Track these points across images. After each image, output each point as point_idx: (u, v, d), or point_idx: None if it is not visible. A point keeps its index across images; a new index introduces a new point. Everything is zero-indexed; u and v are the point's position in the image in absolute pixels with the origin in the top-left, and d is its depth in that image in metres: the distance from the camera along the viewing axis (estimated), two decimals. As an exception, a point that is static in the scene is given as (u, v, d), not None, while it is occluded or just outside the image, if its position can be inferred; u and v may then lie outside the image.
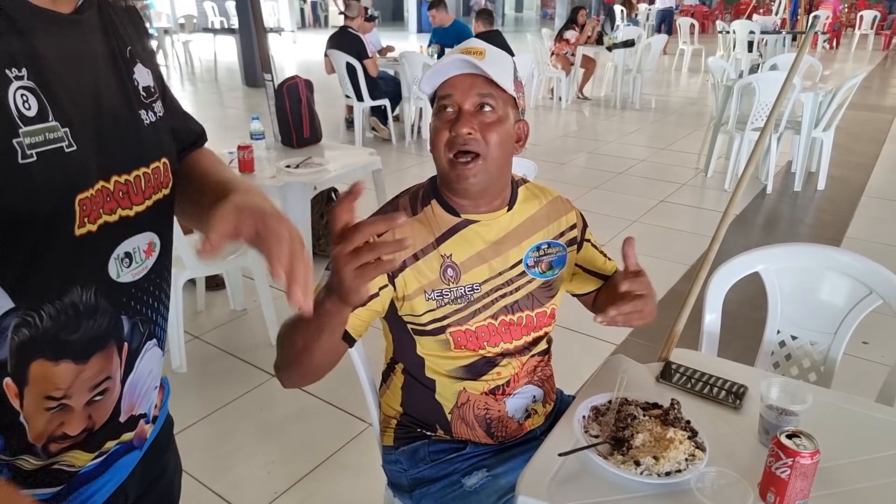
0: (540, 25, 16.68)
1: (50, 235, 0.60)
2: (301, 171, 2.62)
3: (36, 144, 0.57)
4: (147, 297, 0.74)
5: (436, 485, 1.15)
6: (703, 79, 9.57)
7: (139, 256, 0.72)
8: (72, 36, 0.64)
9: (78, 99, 0.63)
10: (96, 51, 0.67)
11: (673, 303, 2.91)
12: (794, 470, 0.86)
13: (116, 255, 0.68)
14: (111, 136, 0.66)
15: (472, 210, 1.10)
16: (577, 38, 7.64)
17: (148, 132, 0.72)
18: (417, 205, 1.11)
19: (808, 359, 1.47)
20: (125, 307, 0.71)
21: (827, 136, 4.54)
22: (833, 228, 3.94)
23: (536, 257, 1.14)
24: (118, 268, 0.69)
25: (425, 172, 1.14)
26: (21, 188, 0.56)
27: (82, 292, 0.65)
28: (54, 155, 0.59)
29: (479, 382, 1.13)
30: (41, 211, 0.58)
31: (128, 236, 0.69)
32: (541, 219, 1.17)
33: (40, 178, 0.57)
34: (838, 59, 12.26)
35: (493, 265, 1.11)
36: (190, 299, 2.86)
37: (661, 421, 1.03)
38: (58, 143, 0.59)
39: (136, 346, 0.73)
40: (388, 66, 6.03)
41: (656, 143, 6.01)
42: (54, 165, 0.59)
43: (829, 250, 1.47)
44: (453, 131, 1.02)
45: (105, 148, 0.65)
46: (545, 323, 1.18)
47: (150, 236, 0.73)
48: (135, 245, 0.71)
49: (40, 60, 0.59)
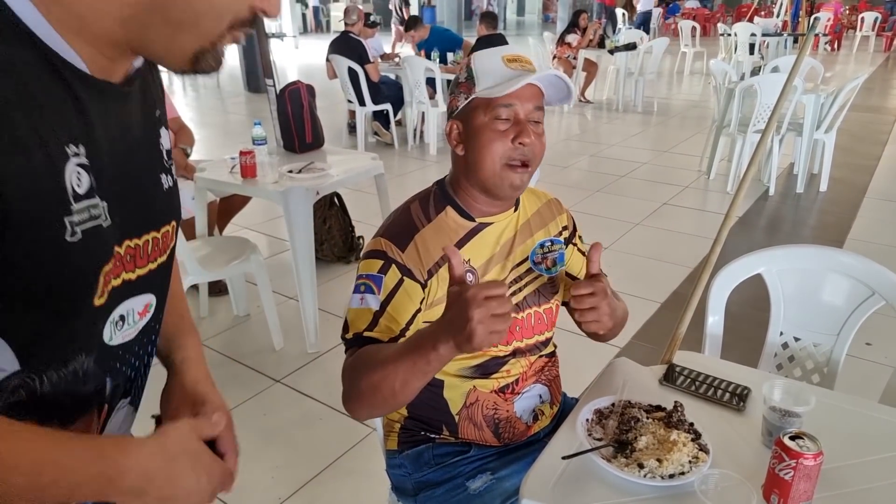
0: (542, 29, 16.71)
1: (71, 306, 0.59)
2: (303, 175, 2.63)
3: (82, 222, 0.57)
4: (132, 358, 0.73)
5: (440, 488, 1.15)
6: (704, 81, 9.58)
7: (132, 318, 0.70)
8: (120, 107, 0.63)
9: (117, 171, 0.62)
10: (135, 119, 0.67)
11: (675, 305, 2.91)
12: (798, 471, 0.85)
13: (112, 318, 0.66)
14: (135, 202, 0.65)
15: (486, 213, 1.12)
16: (579, 41, 7.66)
17: (164, 196, 0.71)
18: (430, 211, 1.11)
19: (811, 360, 1.46)
20: (111, 369, 0.69)
21: (829, 138, 4.54)
22: (835, 230, 3.94)
23: (542, 254, 1.17)
24: (112, 331, 0.67)
25: (427, 176, 1.15)
26: (61, 264, 0.55)
27: (84, 359, 0.64)
28: (94, 232, 0.58)
29: (490, 380, 1.14)
30: (71, 284, 0.58)
31: (125, 299, 0.67)
32: (541, 217, 1.21)
33: (79, 256, 0.57)
34: (840, 61, 12.25)
35: (506, 265, 1.13)
36: (193, 305, 2.86)
37: (664, 423, 1.03)
38: (97, 221, 0.59)
39: (112, 405, 0.72)
40: (390, 71, 6.05)
41: (658, 146, 6.02)
42: (92, 242, 0.58)
43: (832, 252, 1.47)
44: (517, 142, 1.03)
45: (128, 215, 0.64)
46: (552, 322, 1.20)
47: (148, 297, 0.71)
48: (130, 307, 0.69)
49: (95, 136, 0.58)
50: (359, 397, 0.97)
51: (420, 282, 1.06)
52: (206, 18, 0.57)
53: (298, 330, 2.64)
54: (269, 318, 2.58)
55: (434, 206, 1.12)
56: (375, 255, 1.06)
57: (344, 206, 3.43)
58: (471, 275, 1.08)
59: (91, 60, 0.57)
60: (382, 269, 1.05)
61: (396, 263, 1.05)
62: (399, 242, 1.06)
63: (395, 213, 1.14)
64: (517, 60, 1.05)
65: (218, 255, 2.55)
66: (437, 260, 1.07)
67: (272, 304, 2.58)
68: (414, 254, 1.06)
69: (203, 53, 0.59)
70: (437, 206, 1.12)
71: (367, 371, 0.96)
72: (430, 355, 0.87)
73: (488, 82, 1.04)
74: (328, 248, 3.38)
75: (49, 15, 0.53)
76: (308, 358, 2.56)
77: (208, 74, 0.61)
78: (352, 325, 1.04)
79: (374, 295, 1.03)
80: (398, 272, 1.04)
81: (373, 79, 5.55)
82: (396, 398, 0.93)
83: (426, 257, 1.07)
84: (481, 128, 1.05)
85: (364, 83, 5.45)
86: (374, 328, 1.03)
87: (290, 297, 3.02)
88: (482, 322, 0.80)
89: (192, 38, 0.58)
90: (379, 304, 1.03)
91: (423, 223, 1.09)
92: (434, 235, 1.08)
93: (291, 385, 2.38)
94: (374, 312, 1.03)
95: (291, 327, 2.70)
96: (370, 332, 1.03)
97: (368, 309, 1.03)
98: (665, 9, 17.09)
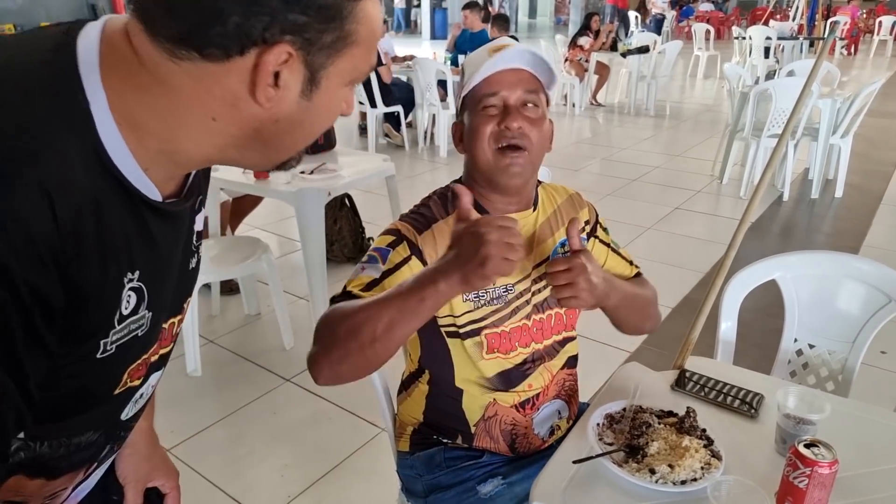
0: (554, 31, 16.69)
1: (91, 398, 0.61)
2: (315, 177, 2.64)
3: (119, 339, 0.57)
4: (134, 423, 0.74)
5: (451, 491, 1.15)
6: (718, 85, 9.51)
7: (148, 391, 0.71)
8: (176, 222, 0.63)
9: (163, 280, 0.62)
10: (186, 223, 0.66)
11: (688, 310, 2.89)
12: (813, 480, 0.85)
13: (134, 398, 0.68)
14: (170, 298, 0.66)
15: (503, 210, 1.10)
16: (591, 44, 7.63)
17: (190, 276, 0.71)
18: (448, 206, 1.10)
19: (825, 368, 1.45)
20: (117, 438, 0.71)
21: (845, 143, 4.49)
22: (851, 237, 3.89)
23: (563, 252, 1.14)
24: (131, 408, 0.68)
25: (438, 178, 1.15)
26: (91, 375, 0.56)
27: (94, 434, 0.65)
28: (130, 342, 0.59)
29: (510, 394, 1.13)
30: (97, 385, 0.59)
31: (148, 378, 0.68)
32: (564, 213, 1.19)
33: (110, 365, 0.58)
34: (856, 66, 12.13)
35: (524, 264, 1.11)
36: (205, 303, 2.88)
37: (676, 429, 1.03)
38: (135, 332, 0.59)
39: (102, 462, 0.73)
40: (401, 73, 6.06)
41: (671, 150, 5.98)
42: (126, 352, 0.59)
43: (847, 258, 1.46)
44: (502, 125, 1.02)
45: (164, 311, 0.65)
46: (571, 323, 1.18)
47: (160, 374, 0.72)
48: (150, 384, 0.70)
49: (153, 257, 0.58)
50: (330, 346, 0.87)
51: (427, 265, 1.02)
52: (302, 141, 0.60)
53: (309, 330, 2.63)
54: (280, 317, 2.59)
55: (452, 201, 1.11)
56: (389, 232, 1.06)
57: (354, 208, 3.44)
58: None
59: (164, 179, 0.57)
60: (392, 244, 1.03)
61: (408, 241, 1.04)
62: (416, 226, 1.06)
63: (414, 206, 1.13)
64: (500, 48, 1.03)
65: (230, 255, 2.57)
66: None
67: (283, 304, 2.60)
68: (430, 239, 1.05)
69: (290, 160, 0.62)
70: (454, 203, 1.11)
71: (345, 317, 0.86)
72: (426, 291, 0.80)
73: (474, 77, 1.04)
74: (338, 249, 3.39)
75: (139, 146, 0.53)
76: (318, 358, 2.57)
77: (287, 170, 0.65)
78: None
79: (377, 265, 1.01)
80: (408, 249, 1.03)
81: (385, 81, 5.57)
82: (375, 347, 0.82)
83: (441, 246, 1.04)
84: (473, 121, 1.06)
85: (376, 85, 5.46)
86: (365, 291, 0.97)
87: (301, 297, 3.03)
88: (498, 245, 0.77)
89: (285, 155, 0.60)
90: (380, 273, 0.99)
91: (442, 216, 1.09)
92: (450, 230, 1.07)
93: (301, 384, 2.39)
94: (371, 279, 0.99)
95: (302, 327, 2.71)
96: (359, 291, 0.97)
97: (367, 276, 1.00)
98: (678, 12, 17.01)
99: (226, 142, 0.55)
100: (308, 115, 0.56)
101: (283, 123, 0.55)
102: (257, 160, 0.60)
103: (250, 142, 0.56)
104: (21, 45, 0.54)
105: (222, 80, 0.51)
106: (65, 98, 0.49)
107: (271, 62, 0.50)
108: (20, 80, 0.50)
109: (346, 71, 0.55)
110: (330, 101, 0.57)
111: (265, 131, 0.55)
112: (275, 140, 0.57)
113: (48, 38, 0.52)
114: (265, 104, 0.52)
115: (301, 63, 0.51)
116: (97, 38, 0.52)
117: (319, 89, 0.54)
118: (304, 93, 0.54)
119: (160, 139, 0.53)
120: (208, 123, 0.53)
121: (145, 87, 0.51)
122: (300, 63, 0.51)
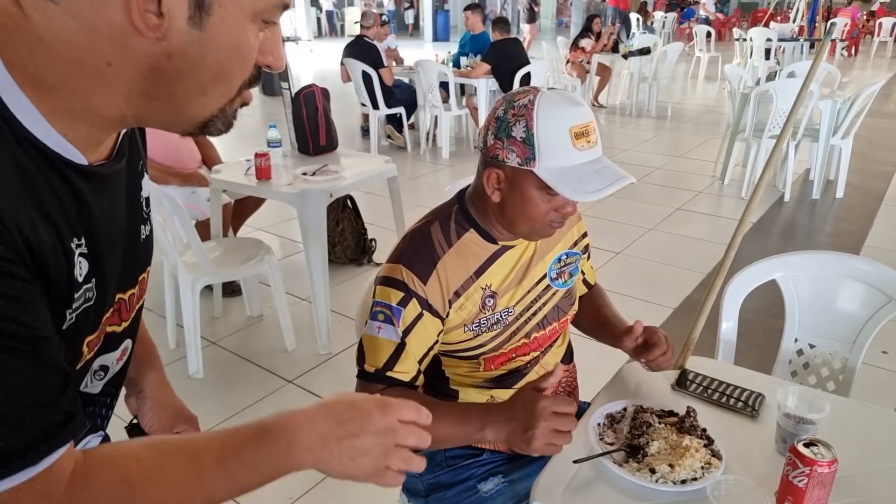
0: (555, 33, 16.69)
1: None
2: (317, 178, 2.65)
3: (77, 308, 0.56)
4: (107, 398, 0.74)
5: (451, 490, 1.15)
6: (719, 86, 9.52)
7: (112, 365, 0.70)
8: (111, 184, 0.62)
9: (108, 247, 0.61)
10: (123, 184, 0.65)
11: (689, 311, 2.89)
12: (812, 479, 0.85)
13: (93, 369, 0.66)
14: (121, 266, 0.64)
15: (507, 237, 1.09)
16: (593, 46, 7.64)
17: (143, 247, 0.70)
18: (452, 235, 1.06)
19: (826, 368, 1.45)
20: (87, 415, 0.69)
21: (845, 144, 4.49)
22: (852, 237, 3.89)
23: (559, 269, 1.16)
24: (90, 380, 0.67)
25: (440, 180, 1.15)
26: (53, 348, 0.53)
27: None
28: (84, 314, 0.58)
29: (509, 391, 1.13)
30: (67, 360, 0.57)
31: (108, 351, 0.67)
32: (558, 231, 1.17)
33: (70, 335, 0.56)
34: (857, 67, 12.12)
35: (523, 285, 1.11)
36: (207, 305, 2.89)
37: (676, 429, 1.03)
38: (89, 302, 0.58)
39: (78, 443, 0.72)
40: (403, 75, 6.08)
41: (672, 151, 5.99)
42: (81, 322, 0.58)
43: (848, 258, 1.46)
44: (562, 211, 1.01)
45: (115, 280, 0.64)
46: (565, 327, 1.21)
47: (126, 342, 0.72)
48: (111, 358, 0.69)
49: (93, 224, 0.57)
50: None
51: (440, 316, 1.04)
52: (213, 87, 0.55)
53: (311, 331, 2.66)
54: (282, 319, 2.60)
55: (455, 228, 1.07)
56: (395, 284, 1.02)
57: (357, 209, 3.45)
58: (491, 299, 1.08)
59: (86, 142, 0.56)
60: (402, 302, 1.01)
61: (417, 297, 1.02)
62: (421, 273, 1.02)
63: (414, 234, 1.08)
64: (584, 136, 0.96)
65: (232, 256, 2.58)
66: (458, 288, 1.05)
67: (285, 305, 2.60)
68: (436, 285, 1.03)
69: (213, 119, 0.57)
70: (459, 228, 1.07)
71: None
72: (475, 434, 0.93)
73: (551, 161, 0.95)
74: (341, 251, 3.39)
75: (49, 109, 0.51)
76: (320, 359, 2.57)
77: (217, 135, 0.60)
78: (369, 355, 1.04)
79: (394, 327, 1.02)
80: (418, 306, 1.02)
81: (386, 82, 5.58)
82: None
83: (447, 287, 1.04)
84: (530, 198, 0.99)
85: (378, 87, 5.48)
86: (394, 365, 1.03)
87: (303, 299, 3.04)
88: (544, 434, 0.88)
89: (200, 107, 0.56)
90: (399, 336, 1.02)
91: (444, 249, 1.05)
92: (456, 260, 1.05)
93: (303, 385, 2.39)
94: (395, 346, 1.02)
95: (304, 328, 2.72)
96: (392, 372, 1.03)
97: (389, 341, 1.02)
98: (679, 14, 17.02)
99: (129, 90, 0.53)
100: (205, 50, 0.52)
101: (177, 60, 0.51)
102: (171, 114, 0.56)
103: (153, 87, 0.53)
104: None
105: (102, 13, 0.48)
106: None
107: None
108: None
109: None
110: (230, 35, 0.52)
111: (163, 72, 0.52)
112: (177, 83, 0.53)
113: None
114: (147, 33, 0.49)
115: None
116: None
117: (212, 17, 0.51)
118: (193, 20, 0.50)
119: (66, 97, 0.52)
120: (105, 70, 0.51)
121: (35, 41, 0.49)
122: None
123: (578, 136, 0.96)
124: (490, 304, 1.08)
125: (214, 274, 2.46)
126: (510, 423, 0.91)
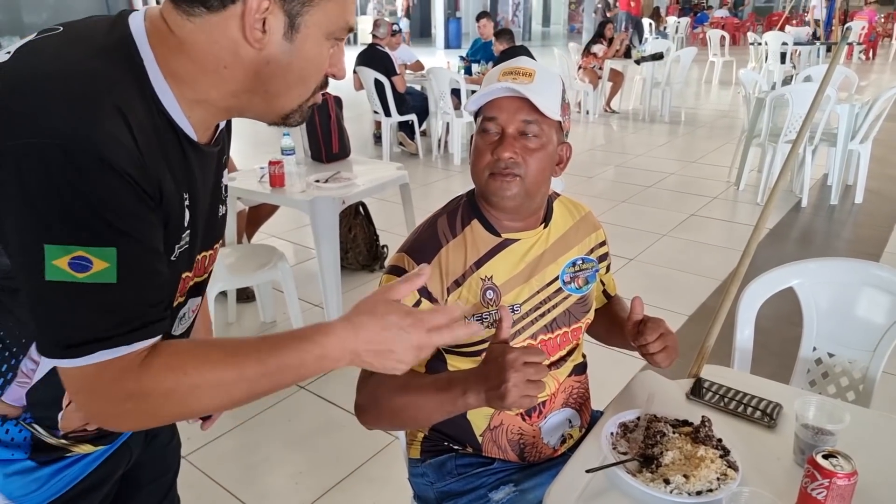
0: (567, 40, 16.69)
1: (168, 305, 0.74)
2: (330, 185, 2.66)
3: (181, 247, 0.74)
4: None
5: (462, 498, 1.14)
6: (734, 91, 9.44)
7: (189, 315, 0.86)
8: (209, 162, 0.79)
9: (202, 208, 0.79)
10: (215, 167, 0.83)
11: (704, 318, 2.86)
12: (831, 491, 0.83)
13: (181, 314, 0.82)
14: (206, 228, 0.83)
15: (511, 228, 1.09)
16: (605, 51, 7.63)
17: (220, 221, 0.89)
18: (457, 226, 1.10)
19: (846, 377, 1.42)
20: None
21: (864, 149, 4.43)
22: (871, 243, 3.83)
23: (573, 273, 1.15)
24: (177, 325, 0.82)
25: (452, 187, 1.15)
26: (164, 265, 0.69)
27: None
28: (181, 254, 0.75)
29: None
30: (170, 292, 0.73)
31: (191, 297, 0.84)
32: (575, 234, 1.17)
33: (175, 272, 0.74)
34: (875, 70, 11.97)
35: (531, 284, 1.10)
36: (221, 311, 2.91)
37: (691, 439, 1.01)
38: (187, 245, 0.76)
39: None
40: (415, 82, 6.10)
41: (686, 157, 5.94)
42: (181, 263, 0.76)
43: (867, 265, 1.43)
44: (495, 154, 1.03)
45: (202, 236, 0.82)
46: (577, 336, 1.18)
47: (198, 300, 0.88)
48: (190, 307, 0.85)
49: (195, 186, 0.75)
50: (377, 415, 1.04)
51: (437, 302, 1.05)
52: (296, 87, 0.73)
53: (323, 338, 2.66)
54: (295, 324, 2.61)
55: (461, 219, 1.10)
56: (397, 271, 1.06)
57: (369, 216, 3.46)
58: (492, 292, 1.07)
59: (199, 125, 0.73)
60: None
61: None
62: (421, 260, 1.05)
63: (421, 227, 1.13)
64: (512, 73, 1.03)
65: (246, 263, 2.59)
66: (457, 277, 1.06)
67: (298, 311, 2.61)
68: (436, 273, 1.05)
69: (293, 113, 0.75)
70: (465, 219, 1.10)
71: (389, 393, 1.00)
72: (458, 400, 0.93)
73: (481, 97, 1.05)
74: (353, 257, 3.40)
75: (180, 95, 0.69)
76: (332, 366, 2.57)
77: (294, 126, 0.79)
78: None
79: None
80: (416, 293, 1.03)
81: (399, 90, 5.60)
82: (416, 424, 0.97)
83: (447, 275, 1.06)
84: (475, 141, 1.08)
85: (390, 94, 5.50)
86: None
87: (316, 305, 3.05)
88: (517, 385, 0.86)
89: (285, 103, 0.74)
90: None
91: (447, 239, 1.08)
92: (458, 250, 1.07)
93: (315, 392, 2.40)
94: None
95: (316, 335, 2.73)
96: None
97: None
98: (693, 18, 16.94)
99: (237, 87, 0.70)
100: (293, 58, 0.69)
101: (272, 65, 0.69)
102: (264, 107, 0.74)
103: (253, 84, 0.70)
104: (83, 25, 0.70)
105: (224, 30, 0.66)
106: (124, 55, 0.66)
107: (254, 6, 0.65)
108: (89, 42, 0.67)
109: (322, 22, 0.69)
110: (311, 49, 0.70)
111: (262, 73, 0.69)
112: (271, 82, 0.70)
113: (103, 20, 0.70)
114: (255, 45, 0.67)
115: (280, 10, 0.66)
116: (142, 17, 0.69)
117: (299, 34, 0.68)
118: (287, 35, 0.68)
119: (193, 89, 0.70)
120: (221, 72, 0.69)
121: (176, 48, 0.68)
122: (279, 10, 0.66)
123: (505, 73, 1.04)
124: (491, 297, 1.07)
125: (229, 280, 2.48)
126: (486, 382, 0.89)
